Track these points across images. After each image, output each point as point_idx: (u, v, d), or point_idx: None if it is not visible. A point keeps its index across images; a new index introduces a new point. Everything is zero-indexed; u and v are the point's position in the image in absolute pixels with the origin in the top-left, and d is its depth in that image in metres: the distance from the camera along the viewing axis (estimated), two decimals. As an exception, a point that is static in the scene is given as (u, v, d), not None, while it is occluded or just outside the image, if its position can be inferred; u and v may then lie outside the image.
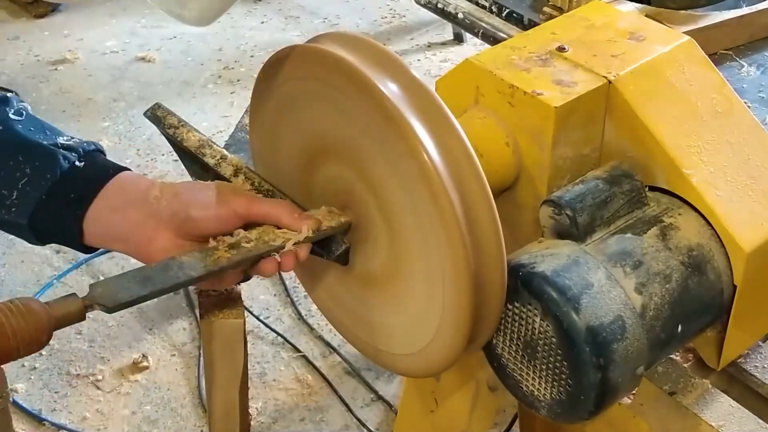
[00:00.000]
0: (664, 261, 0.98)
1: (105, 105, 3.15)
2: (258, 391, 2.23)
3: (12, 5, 3.65)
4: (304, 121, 0.99)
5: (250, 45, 3.47)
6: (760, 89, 1.51)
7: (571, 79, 1.03)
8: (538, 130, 1.01)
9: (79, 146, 1.02)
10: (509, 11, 1.71)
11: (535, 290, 0.93)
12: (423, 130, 0.87)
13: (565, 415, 0.96)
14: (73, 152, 1.01)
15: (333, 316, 1.10)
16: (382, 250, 0.97)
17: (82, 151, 1.01)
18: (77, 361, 2.29)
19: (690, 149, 1.02)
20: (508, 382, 1.01)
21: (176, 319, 2.42)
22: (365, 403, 2.22)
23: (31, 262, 2.57)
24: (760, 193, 1.02)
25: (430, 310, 0.94)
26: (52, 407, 2.20)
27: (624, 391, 0.97)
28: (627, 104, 1.02)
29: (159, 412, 2.20)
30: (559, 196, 0.99)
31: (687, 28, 1.52)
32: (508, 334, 0.97)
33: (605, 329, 0.91)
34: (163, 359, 2.32)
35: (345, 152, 0.95)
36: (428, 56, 3.41)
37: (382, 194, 0.93)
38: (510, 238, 0.92)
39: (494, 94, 1.04)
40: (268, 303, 2.45)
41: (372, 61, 0.91)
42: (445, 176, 0.86)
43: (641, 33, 1.10)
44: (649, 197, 1.03)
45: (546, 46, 1.08)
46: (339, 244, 0.98)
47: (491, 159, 1.02)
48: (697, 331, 1.04)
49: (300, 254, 0.97)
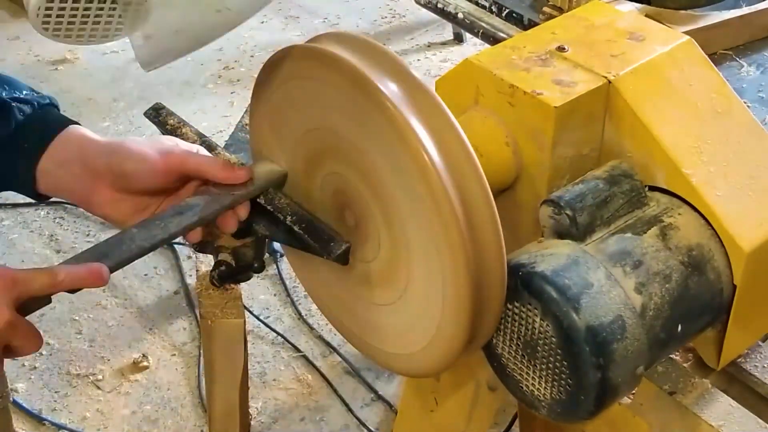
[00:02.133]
0: (664, 261, 0.98)
1: (105, 105, 3.15)
2: (258, 391, 2.23)
3: (12, 5, 3.64)
4: (304, 121, 0.99)
5: (250, 45, 3.47)
6: (760, 89, 1.51)
7: (571, 79, 1.03)
8: (538, 130, 1.01)
9: (34, 99, 1.05)
10: (509, 11, 1.71)
11: (535, 290, 0.93)
12: (423, 130, 0.87)
13: (565, 415, 0.96)
14: (27, 105, 1.04)
15: (333, 315, 1.10)
16: (382, 249, 0.97)
17: (36, 104, 1.05)
18: (77, 361, 2.29)
19: (690, 149, 1.02)
20: (508, 382, 1.01)
21: (176, 319, 2.42)
22: (365, 403, 2.22)
23: (31, 261, 2.57)
24: (760, 193, 1.02)
25: (430, 310, 0.94)
26: (52, 407, 2.21)
27: (624, 390, 0.97)
28: (627, 104, 1.02)
29: (159, 412, 2.20)
30: (559, 196, 0.99)
31: (687, 28, 1.52)
32: (508, 333, 0.97)
33: (605, 329, 0.91)
34: (163, 359, 2.32)
35: (345, 152, 0.95)
36: (428, 56, 3.41)
37: (382, 194, 0.93)
38: (510, 238, 0.92)
39: (494, 94, 1.04)
40: (268, 303, 2.45)
41: (372, 61, 0.91)
42: (445, 176, 0.86)
43: (641, 33, 1.10)
44: (649, 197, 1.03)
45: (546, 46, 1.08)
46: (339, 243, 0.98)
47: (491, 159, 1.02)
48: (697, 331, 1.04)
49: (240, 213, 0.99)
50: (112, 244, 0.94)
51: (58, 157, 1.02)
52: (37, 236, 2.66)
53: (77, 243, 2.62)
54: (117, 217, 1.02)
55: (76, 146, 1.02)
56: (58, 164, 1.02)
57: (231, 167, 1.00)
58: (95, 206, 1.02)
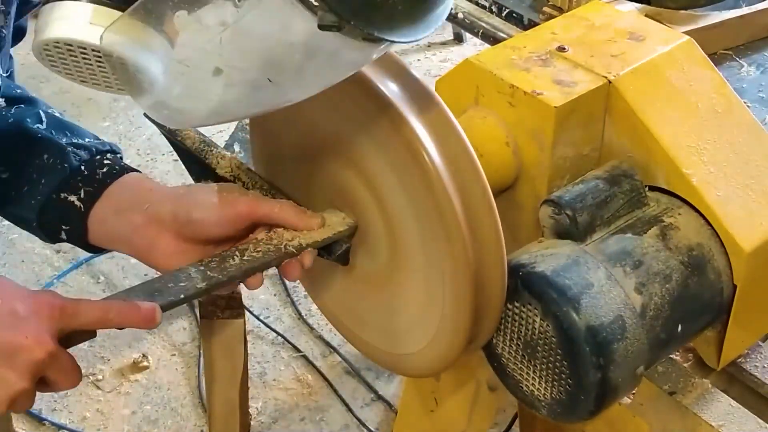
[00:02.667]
0: (664, 261, 0.98)
1: (105, 105, 3.15)
2: (258, 391, 2.23)
3: (12, 5, 3.64)
4: (304, 121, 0.99)
5: (250, 45, 3.46)
6: (760, 89, 1.51)
7: (571, 79, 1.03)
8: (538, 130, 1.01)
9: (93, 145, 1.01)
10: (509, 11, 1.71)
11: (535, 290, 0.93)
12: (423, 130, 0.87)
13: (565, 415, 0.96)
14: (85, 150, 1.00)
15: (333, 315, 1.10)
16: (382, 249, 0.97)
17: (94, 150, 1.01)
18: (77, 361, 2.29)
19: (690, 149, 1.02)
20: (508, 382, 1.01)
21: (176, 319, 2.42)
22: (365, 403, 2.22)
23: (32, 262, 2.57)
24: (760, 193, 1.02)
25: (430, 310, 0.94)
26: (52, 407, 2.20)
27: (624, 390, 0.97)
28: (627, 104, 1.02)
29: (159, 412, 2.20)
30: (559, 196, 0.99)
31: (687, 28, 1.51)
32: (508, 334, 0.97)
33: (605, 329, 0.91)
34: (163, 359, 2.32)
35: (345, 152, 0.95)
36: (428, 56, 3.41)
37: (382, 194, 0.93)
38: (510, 238, 0.92)
39: (494, 94, 1.04)
40: (268, 303, 2.45)
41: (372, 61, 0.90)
42: (445, 176, 0.86)
43: (641, 33, 1.10)
44: (649, 197, 1.03)
45: (546, 46, 1.08)
46: (339, 244, 0.98)
47: (491, 159, 1.02)
48: (697, 331, 1.04)
49: (305, 261, 0.95)
50: (166, 281, 0.88)
51: (116, 204, 0.97)
52: (37, 236, 2.66)
53: (77, 243, 2.62)
54: None
55: (136, 193, 0.97)
56: (114, 212, 0.97)
57: (304, 214, 0.95)
58: (158, 258, 0.95)
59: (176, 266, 0.92)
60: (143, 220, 0.95)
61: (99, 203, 0.97)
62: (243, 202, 0.94)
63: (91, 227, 0.98)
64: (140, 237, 0.95)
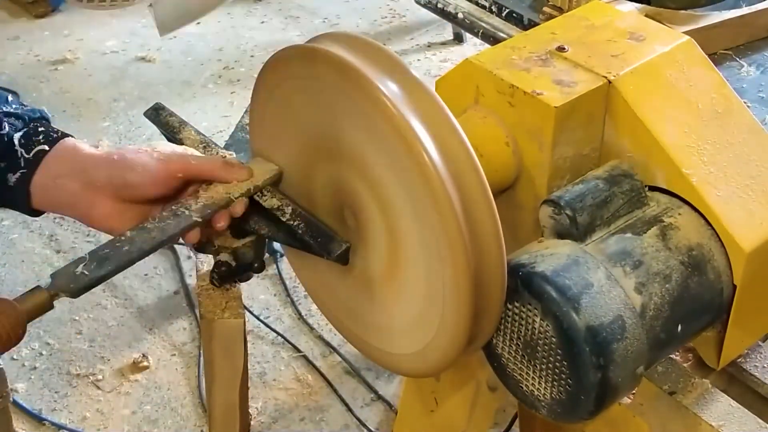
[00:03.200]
0: (664, 261, 0.98)
1: (105, 105, 3.15)
2: (258, 391, 2.23)
3: (12, 5, 3.65)
4: (304, 121, 0.99)
5: (250, 45, 3.47)
6: (760, 89, 1.51)
7: (571, 79, 1.03)
8: (538, 130, 1.01)
9: (25, 114, 1.04)
10: (509, 11, 1.71)
11: (535, 290, 0.93)
12: (423, 130, 0.87)
13: (565, 415, 0.96)
14: (18, 119, 1.03)
15: (333, 315, 1.10)
16: (382, 249, 0.97)
17: (27, 119, 1.03)
18: (77, 361, 2.29)
19: (690, 149, 1.02)
20: (508, 382, 1.01)
21: (176, 319, 2.42)
22: (365, 403, 2.22)
23: (31, 261, 2.57)
24: (760, 193, 1.02)
25: (430, 310, 0.94)
26: (52, 407, 2.20)
27: (624, 390, 0.97)
28: (627, 104, 1.02)
29: (159, 412, 2.20)
30: (559, 196, 0.99)
31: (687, 28, 1.52)
32: (508, 334, 0.97)
33: (605, 329, 0.91)
34: (163, 359, 2.32)
35: (345, 152, 0.95)
36: (428, 56, 3.41)
37: (382, 194, 0.93)
38: (510, 238, 0.92)
39: (494, 94, 1.04)
40: (268, 303, 2.45)
41: (372, 60, 0.91)
42: (445, 176, 0.86)
43: (641, 33, 1.10)
44: (649, 197, 1.03)
45: (546, 46, 1.08)
46: (339, 243, 0.98)
47: (491, 159, 1.02)
48: (697, 331, 1.04)
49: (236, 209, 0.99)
50: (111, 248, 0.93)
51: (54, 171, 1.00)
52: (37, 236, 2.66)
53: (77, 243, 2.62)
54: (120, 228, 0.99)
55: (71, 160, 1.01)
56: (52, 178, 1.00)
57: (230, 166, 1.00)
58: (96, 220, 1.01)
59: (118, 226, 0.99)
60: (81, 186, 1.00)
61: (38, 171, 1.00)
62: (174, 162, 0.99)
63: (33, 193, 1.01)
64: (80, 202, 1.00)
